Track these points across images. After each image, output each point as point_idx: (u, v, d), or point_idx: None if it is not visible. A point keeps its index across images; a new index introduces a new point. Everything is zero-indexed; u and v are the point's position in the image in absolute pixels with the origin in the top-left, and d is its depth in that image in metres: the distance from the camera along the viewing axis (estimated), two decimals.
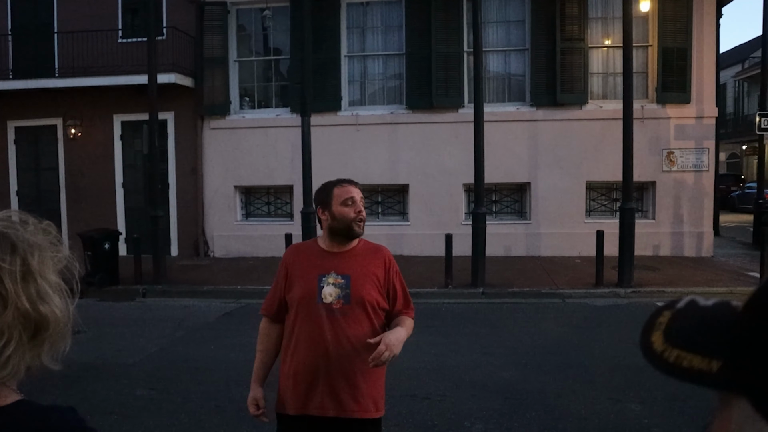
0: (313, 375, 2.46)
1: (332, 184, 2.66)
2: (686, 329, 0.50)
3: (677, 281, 9.49)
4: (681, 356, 0.48)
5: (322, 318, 2.47)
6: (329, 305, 2.48)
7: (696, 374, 0.46)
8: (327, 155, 12.06)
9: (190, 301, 9.38)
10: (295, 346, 2.52)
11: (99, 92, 12.63)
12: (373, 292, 2.55)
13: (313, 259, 2.58)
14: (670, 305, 0.55)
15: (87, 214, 12.76)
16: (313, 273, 2.54)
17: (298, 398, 2.49)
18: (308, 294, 2.50)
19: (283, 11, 12.59)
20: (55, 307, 0.92)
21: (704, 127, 11.88)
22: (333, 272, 2.53)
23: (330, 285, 2.51)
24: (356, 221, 2.59)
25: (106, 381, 5.66)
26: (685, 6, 11.64)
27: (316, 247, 2.65)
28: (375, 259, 2.64)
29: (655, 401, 4.89)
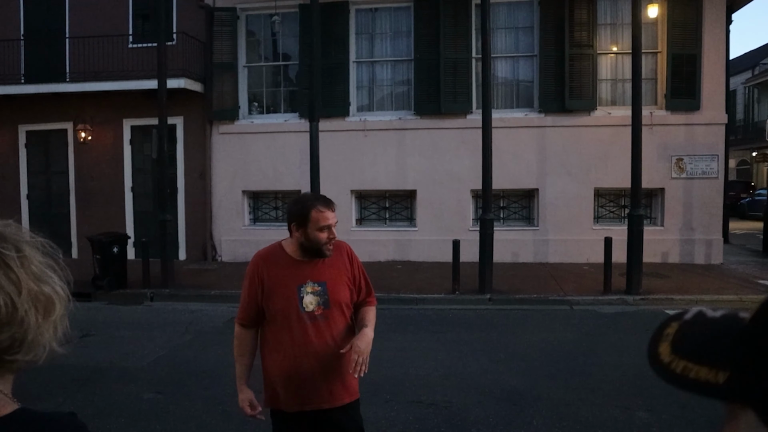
0: (305, 376, 2.66)
1: (310, 204, 2.68)
2: (693, 341, 0.50)
3: (686, 288, 9.44)
4: (688, 367, 0.48)
5: (306, 325, 2.65)
6: (311, 313, 2.67)
7: (703, 385, 0.46)
8: (335, 161, 12.08)
9: (198, 305, 9.40)
10: (283, 352, 2.69)
11: (109, 97, 12.72)
12: (345, 292, 2.76)
13: (287, 269, 2.70)
14: (677, 316, 0.55)
15: (96, 218, 12.84)
16: (291, 283, 2.67)
17: (294, 398, 2.68)
18: (290, 304, 2.66)
19: (292, 17, 12.64)
20: (56, 286, 0.94)
21: (714, 134, 11.83)
22: (309, 281, 2.69)
23: (309, 294, 2.67)
24: (326, 246, 2.69)
25: (113, 384, 5.68)
26: (694, 12, 11.61)
27: (285, 255, 2.74)
28: (341, 258, 2.79)
29: (663, 409, 4.86)
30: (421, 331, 7.57)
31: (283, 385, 2.69)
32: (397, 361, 6.16)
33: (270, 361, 2.74)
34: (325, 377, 2.68)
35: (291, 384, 2.68)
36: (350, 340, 2.65)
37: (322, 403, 2.69)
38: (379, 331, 7.60)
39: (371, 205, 12.76)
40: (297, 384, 2.67)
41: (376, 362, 6.19)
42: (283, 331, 2.68)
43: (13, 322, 0.87)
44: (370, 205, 12.76)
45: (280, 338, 2.69)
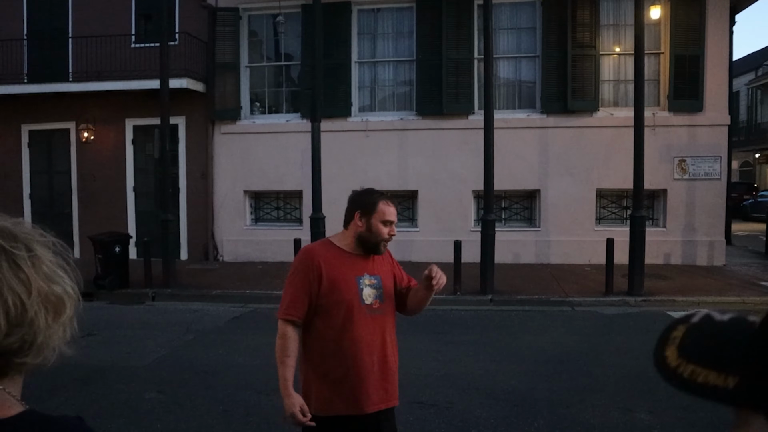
0: (365, 373, 2.56)
1: (378, 195, 2.70)
2: (701, 344, 0.49)
3: (688, 290, 9.42)
4: (696, 371, 0.47)
5: (366, 318, 2.59)
6: (370, 306, 2.61)
7: (711, 390, 0.46)
8: (336, 161, 12.08)
9: (200, 305, 9.40)
10: (343, 349, 2.56)
11: (112, 96, 12.73)
12: (393, 286, 2.75)
13: (343, 261, 2.64)
14: (684, 320, 0.54)
15: (98, 218, 12.84)
16: (350, 275, 2.61)
17: (352, 399, 2.56)
18: (352, 297, 2.57)
19: (294, 17, 12.64)
20: (67, 286, 0.92)
21: (717, 135, 11.81)
22: (366, 274, 2.64)
23: (367, 286, 2.62)
24: (384, 242, 2.68)
25: (115, 384, 5.68)
26: (697, 13, 11.59)
27: (337, 249, 2.68)
28: (385, 255, 2.79)
29: (665, 411, 4.85)
30: (422, 331, 7.56)
31: (340, 386, 2.55)
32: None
33: (323, 361, 2.58)
34: (383, 375, 2.61)
35: (349, 384, 2.54)
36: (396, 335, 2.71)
37: (380, 403, 2.59)
38: None
39: None
40: (356, 383, 2.54)
41: None
42: (343, 327, 2.55)
43: (22, 324, 0.85)
44: None
45: (339, 334, 2.55)
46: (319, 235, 9.81)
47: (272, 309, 9.57)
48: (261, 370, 6.07)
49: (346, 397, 2.55)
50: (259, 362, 6.34)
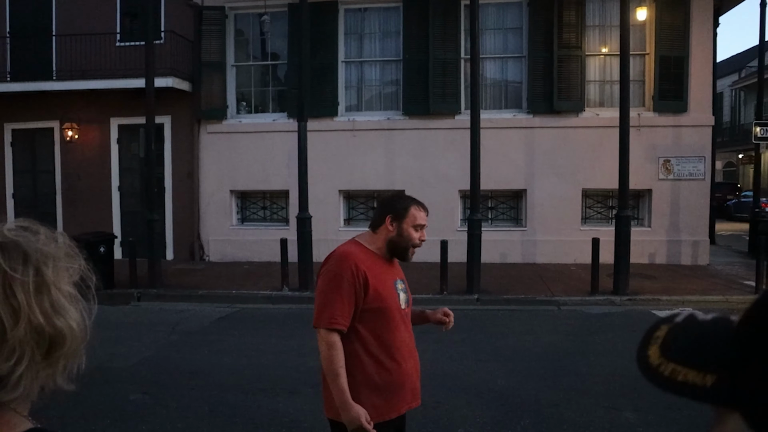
0: (406, 377, 2.61)
1: (410, 201, 2.68)
2: (683, 344, 0.49)
3: (673, 289, 9.50)
4: (676, 370, 0.48)
5: (405, 322, 2.65)
6: (404, 310, 2.66)
7: (690, 388, 0.46)
8: (323, 161, 12.06)
9: (185, 305, 9.35)
10: (389, 355, 2.54)
11: (96, 95, 12.62)
12: None
13: (381, 266, 2.62)
14: (668, 319, 0.54)
15: (83, 217, 12.74)
16: (389, 281, 2.61)
17: (396, 403, 2.59)
18: (394, 302, 2.58)
19: (281, 16, 12.60)
20: (71, 321, 0.85)
21: (701, 136, 11.91)
22: (398, 278, 2.67)
23: (401, 291, 2.65)
24: (413, 248, 2.67)
25: (99, 385, 5.63)
26: (682, 15, 11.68)
27: (371, 252, 2.63)
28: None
29: (649, 410, 4.88)
30: None
31: (387, 391, 2.53)
32: None
33: (370, 368, 2.51)
34: (417, 376, 2.70)
35: (395, 388, 2.55)
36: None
37: (411, 402, 2.68)
38: None
39: (359, 205, 12.74)
40: (398, 387, 2.57)
41: None
42: (387, 332, 2.54)
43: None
44: (359, 205, 12.75)
45: (385, 340, 2.53)
46: (305, 235, 9.79)
47: (258, 309, 9.56)
48: (247, 370, 6.05)
49: (393, 402, 2.57)
50: (244, 362, 6.32)
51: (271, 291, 9.75)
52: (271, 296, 9.57)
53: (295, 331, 7.70)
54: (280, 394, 5.39)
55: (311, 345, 7.25)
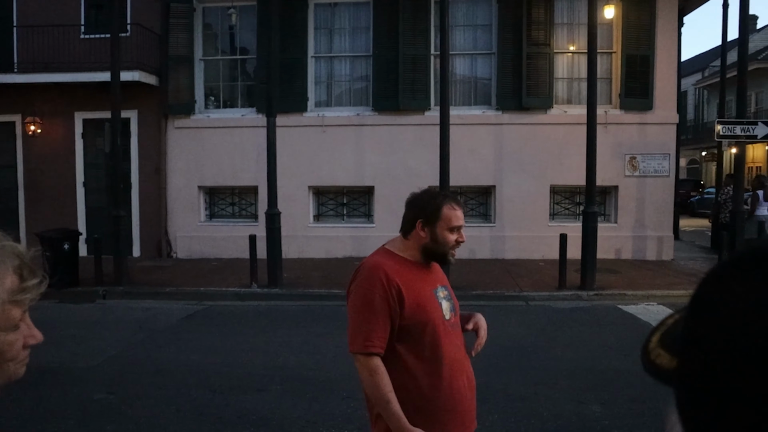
0: (460, 398, 2.28)
1: (442, 199, 2.34)
2: (677, 330, 0.50)
3: (638, 284, 9.66)
4: (661, 355, 0.49)
5: (451, 336, 2.30)
6: (450, 321, 2.32)
7: (659, 371, 0.47)
8: (293, 156, 11.98)
9: (152, 302, 9.21)
10: (436, 375, 2.23)
11: (60, 89, 12.34)
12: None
13: (417, 275, 2.31)
14: (683, 309, 0.56)
15: (46, 214, 12.45)
16: (427, 290, 2.29)
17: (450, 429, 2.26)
18: (436, 314, 2.26)
19: (249, 10, 12.47)
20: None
21: (665, 133, 12.13)
22: (439, 285, 2.36)
23: (443, 300, 2.33)
24: (452, 251, 2.37)
25: (62, 385, 5.52)
26: (648, 14, 11.87)
27: (403, 260, 2.32)
28: (440, 268, 2.50)
29: (615, 403, 4.96)
30: None
31: (436, 415, 2.22)
32: (353, 358, 6.13)
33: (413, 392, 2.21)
34: (472, 395, 2.35)
35: (446, 411, 2.23)
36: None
37: (470, 425, 2.33)
38: (336, 327, 7.54)
39: (329, 201, 12.70)
40: (451, 409, 2.24)
41: (332, 359, 6.17)
42: (432, 349, 2.22)
43: None
44: (328, 201, 12.71)
45: (430, 358, 2.23)
46: (275, 232, 9.72)
47: (226, 306, 9.47)
48: (215, 368, 5.99)
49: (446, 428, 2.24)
50: (212, 360, 6.25)
51: (239, 288, 9.66)
52: (240, 293, 9.48)
53: (263, 328, 7.65)
54: (248, 391, 5.34)
55: (280, 342, 7.23)
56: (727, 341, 0.39)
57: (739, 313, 0.40)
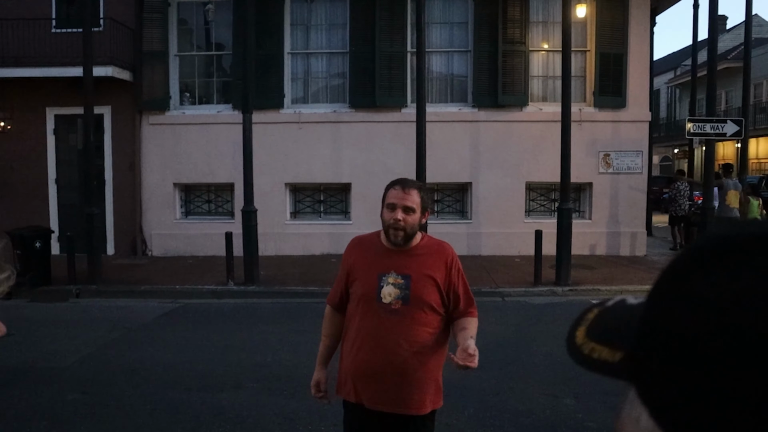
0: (370, 372, 2.52)
1: (394, 182, 2.61)
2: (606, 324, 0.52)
3: (612, 279, 9.80)
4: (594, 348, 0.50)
5: (381, 318, 2.50)
6: (388, 305, 2.49)
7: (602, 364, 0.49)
8: (269, 153, 11.93)
9: (127, 301, 9.12)
10: (355, 344, 2.57)
11: (31, 84, 12.12)
12: (432, 293, 2.54)
13: (374, 256, 2.59)
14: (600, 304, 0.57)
15: (17, 212, 12.21)
16: (373, 271, 2.54)
17: (357, 391, 2.56)
18: (369, 292, 2.52)
19: (225, 6, 12.36)
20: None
21: (638, 131, 12.30)
22: (393, 272, 2.52)
23: (390, 285, 2.50)
24: (391, 228, 2.52)
25: (35, 386, 5.44)
26: (621, 13, 12.02)
27: (378, 243, 2.63)
28: (437, 258, 2.61)
29: (589, 396, 5.03)
30: None
31: (351, 376, 2.57)
32: None
33: (343, 349, 2.66)
34: (393, 379, 2.48)
35: (358, 377, 2.55)
36: (431, 348, 2.52)
37: (379, 405, 2.51)
38: (313, 324, 7.51)
39: (306, 198, 12.67)
40: (363, 378, 2.54)
41: (309, 356, 6.16)
42: (359, 320, 2.56)
43: None
44: (305, 198, 12.67)
45: (356, 326, 2.57)
46: (251, 229, 9.68)
47: (202, 304, 9.41)
48: (190, 366, 5.95)
49: (354, 387, 2.57)
50: (188, 358, 6.21)
51: (216, 285, 9.60)
52: (216, 291, 9.43)
53: (240, 326, 7.61)
54: (224, 389, 5.32)
55: (256, 340, 7.21)
56: (686, 335, 0.41)
57: (697, 308, 0.41)
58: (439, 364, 2.60)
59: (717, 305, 0.40)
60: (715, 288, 0.41)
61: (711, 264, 0.42)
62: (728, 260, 0.41)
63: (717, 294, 0.40)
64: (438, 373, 2.62)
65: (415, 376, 2.50)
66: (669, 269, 0.46)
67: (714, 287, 0.41)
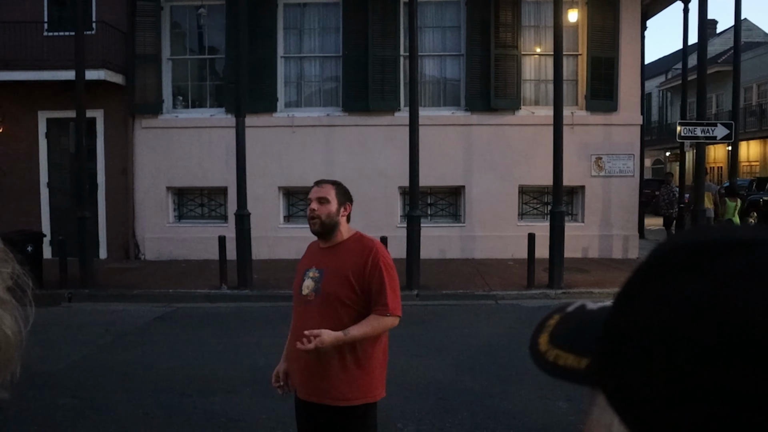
0: (295, 362, 2.73)
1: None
2: (568, 331, 0.52)
3: (604, 282, 9.82)
4: (559, 355, 0.50)
5: (301, 309, 2.73)
6: (305, 297, 2.70)
7: (568, 372, 0.49)
8: (262, 157, 11.92)
9: (120, 305, 9.09)
10: (290, 332, 2.82)
11: (23, 87, 12.07)
12: (342, 288, 2.63)
13: (310, 255, 2.86)
14: (560, 309, 0.57)
15: (9, 215, 12.15)
16: (303, 267, 2.80)
17: (294, 381, 2.79)
18: (297, 286, 2.77)
19: (218, 9, 12.36)
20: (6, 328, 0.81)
21: (630, 134, 12.36)
22: (314, 266, 2.74)
23: (309, 278, 2.72)
24: (309, 219, 2.75)
25: (26, 390, 5.40)
26: (612, 17, 12.08)
27: (317, 244, 2.87)
28: (358, 255, 2.67)
29: (581, 399, 4.97)
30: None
31: (289, 365, 2.82)
32: None
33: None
34: (311, 368, 2.63)
35: (291, 368, 2.81)
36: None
37: (309, 395, 2.69)
38: None
39: (299, 202, 12.66)
40: (292, 369, 2.79)
41: None
42: (294, 316, 2.80)
43: None
44: (298, 202, 12.66)
45: (293, 322, 2.81)
46: (244, 233, 9.67)
47: (196, 308, 9.37)
48: (183, 370, 5.94)
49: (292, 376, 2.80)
50: (181, 362, 6.20)
51: (209, 289, 9.58)
52: (210, 295, 9.41)
53: (233, 329, 7.60)
54: (217, 393, 5.31)
55: (250, 343, 7.19)
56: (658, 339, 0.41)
57: (664, 311, 0.41)
58: (357, 357, 2.64)
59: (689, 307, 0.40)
60: (679, 294, 0.41)
61: (677, 268, 0.42)
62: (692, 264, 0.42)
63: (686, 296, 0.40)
64: (360, 367, 2.66)
65: (326, 367, 2.60)
66: (636, 274, 0.46)
67: (682, 290, 0.41)
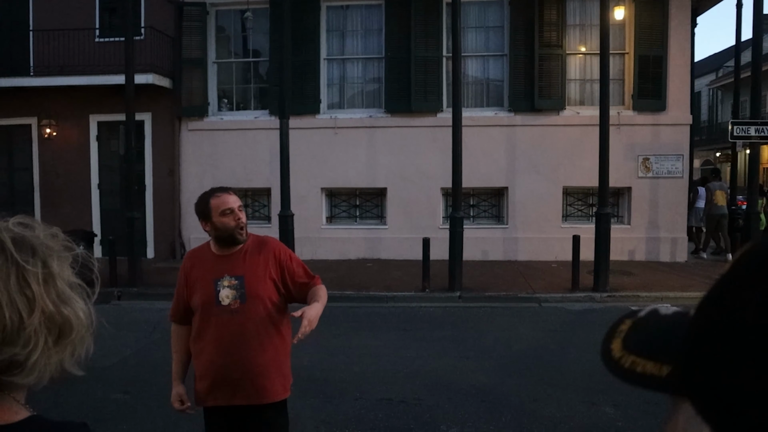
0: (220, 371, 2.69)
1: (208, 195, 2.78)
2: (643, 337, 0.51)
3: (652, 286, 9.61)
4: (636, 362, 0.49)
5: (223, 319, 2.68)
6: (227, 307, 2.68)
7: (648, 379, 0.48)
8: (305, 158, 12.04)
9: (166, 303, 9.15)
10: (203, 348, 2.74)
11: (75, 92, 12.46)
12: (267, 286, 2.74)
13: (207, 264, 2.77)
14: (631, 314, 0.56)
15: (62, 216, 12.54)
16: (209, 278, 2.73)
17: (210, 392, 2.73)
18: (208, 299, 2.70)
19: (262, 13, 12.54)
20: (78, 310, 0.92)
21: (679, 134, 12.06)
22: (226, 275, 2.71)
23: (225, 288, 2.70)
24: (237, 229, 2.73)
25: (78, 386, 5.57)
26: (660, 14, 11.81)
27: (209, 252, 2.82)
28: (265, 254, 2.79)
29: (629, 405, 4.94)
30: (390, 328, 7.59)
31: (208, 379, 2.73)
32: (366, 359, 6.17)
33: (195, 356, 2.81)
34: (245, 373, 2.68)
35: (207, 378, 2.73)
36: (274, 338, 2.73)
37: (234, 400, 2.71)
38: (349, 328, 7.59)
39: (342, 203, 12.74)
40: (212, 378, 2.71)
41: (346, 360, 6.20)
42: (204, 326, 2.72)
43: (16, 342, 0.83)
44: (341, 203, 12.74)
45: (202, 333, 2.73)
46: (288, 233, 9.77)
47: None
48: None
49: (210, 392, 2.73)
50: None
51: None
52: None
53: None
54: None
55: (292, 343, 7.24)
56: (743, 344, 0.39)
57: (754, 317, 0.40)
58: (285, 352, 2.81)
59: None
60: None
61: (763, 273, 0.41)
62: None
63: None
64: (284, 362, 2.81)
65: (261, 367, 2.70)
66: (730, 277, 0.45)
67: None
